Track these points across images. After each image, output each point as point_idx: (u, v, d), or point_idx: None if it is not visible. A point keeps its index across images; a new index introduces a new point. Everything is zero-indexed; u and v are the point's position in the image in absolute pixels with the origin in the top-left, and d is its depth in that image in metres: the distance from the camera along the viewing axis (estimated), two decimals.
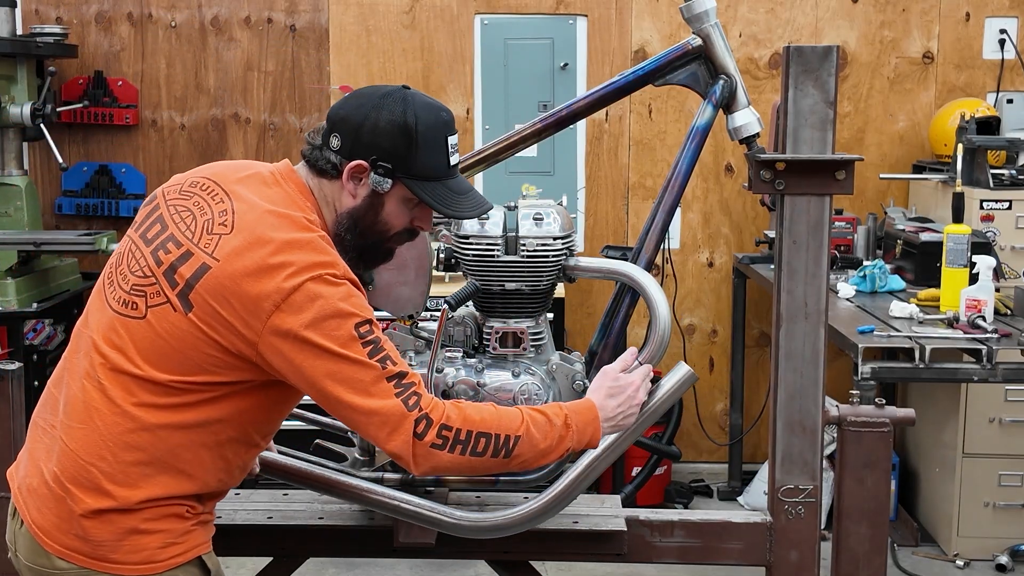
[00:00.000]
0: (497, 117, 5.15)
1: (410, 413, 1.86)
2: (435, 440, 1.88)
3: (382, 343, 1.88)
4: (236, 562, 4.13)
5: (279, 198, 1.95)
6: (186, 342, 1.87)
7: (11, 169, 4.81)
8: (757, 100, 2.64)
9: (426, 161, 1.99)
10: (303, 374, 1.86)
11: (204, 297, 1.86)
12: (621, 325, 2.34)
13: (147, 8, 5.21)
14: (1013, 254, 4.41)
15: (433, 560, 3.89)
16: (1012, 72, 5.14)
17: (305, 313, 1.83)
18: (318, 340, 1.83)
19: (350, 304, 1.86)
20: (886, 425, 2.38)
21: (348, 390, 1.85)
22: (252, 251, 1.86)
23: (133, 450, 1.88)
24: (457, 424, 1.90)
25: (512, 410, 1.98)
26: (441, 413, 1.89)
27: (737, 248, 5.22)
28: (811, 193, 2.31)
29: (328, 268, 1.86)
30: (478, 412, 1.94)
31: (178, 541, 1.93)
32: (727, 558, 2.41)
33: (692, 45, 2.28)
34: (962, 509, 4.32)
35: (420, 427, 1.87)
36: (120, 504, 1.88)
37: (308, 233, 1.90)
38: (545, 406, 2.03)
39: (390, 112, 1.96)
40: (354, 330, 1.85)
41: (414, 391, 1.88)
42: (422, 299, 2.37)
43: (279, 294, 1.83)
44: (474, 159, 2.34)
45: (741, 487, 5.04)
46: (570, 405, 2.04)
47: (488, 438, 1.92)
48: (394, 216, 2.02)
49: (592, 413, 2.05)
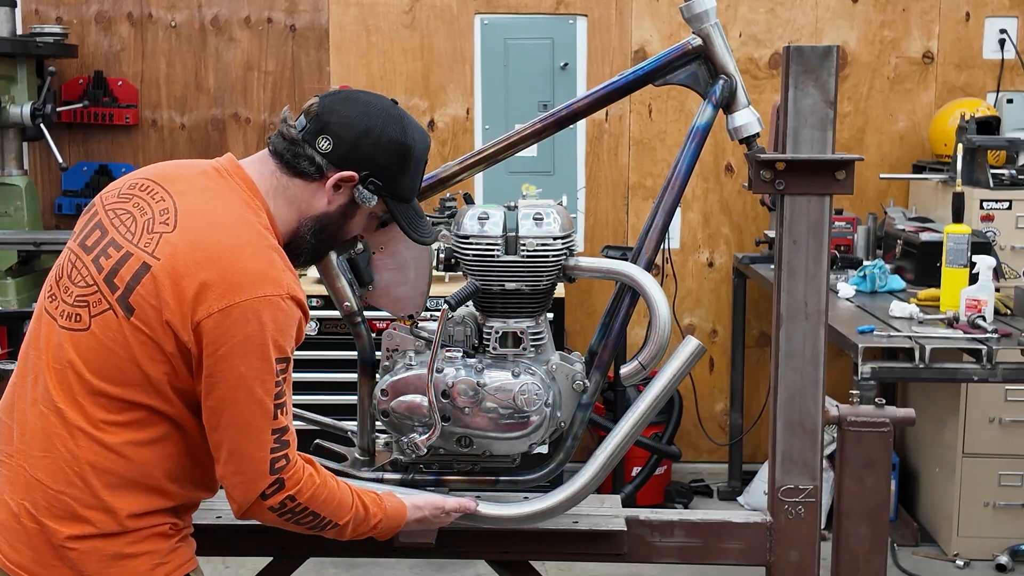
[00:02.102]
0: (497, 117, 5.15)
1: (269, 476, 1.85)
2: (275, 505, 1.88)
3: (286, 387, 1.86)
4: (236, 562, 4.14)
5: (225, 195, 1.90)
6: (130, 349, 1.82)
7: (11, 169, 4.81)
8: (757, 100, 2.64)
9: (410, 184, 2.01)
10: (211, 385, 1.82)
11: (144, 298, 1.81)
12: (621, 325, 2.34)
13: (147, 8, 5.21)
14: (1013, 254, 4.41)
15: (433, 560, 3.89)
16: (1012, 72, 5.14)
17: (237, 330, 1.79)
18: (234, 361, 1.79)
19: (282, 337, 1.82)
20: (886, 425, 2.38)
21: (235, 421, 1.82)
22: (194, 252, 1.81)
23: (102, 473, 1.83)
24: (303, 500, 1.90)
25: (347, 496, 1.98)
26: (296, 483, 1.88)
27: (737, 248, 5.22)
28: (811, 193, 2.31)
29: (275, 287, 1.82)
30: (324, 491, 1.93)
31: (165, 561, 1.90)
32: (727, 558, 2.41)
33: (692, 45, 2.27)
34: (962, 509, 4.32)
35: (270, 490, 1.86)
36: (100, 529, 1.84)
37: (259, 239, 1.85)
38: (371, 501, 2.03)
39: (393, 129, 1.94)
40: (274, 364, 1.82)
41: (287, 453, 1.86)
42: (422, 299, 2.37)
43: (220, 302, 1.78)
44: (474, 159, 2.34)
45: (741, 487, 5.04)
46: (391, 509, 2.07)
47: (316, 517, 1.94)
48: (357, 227, 2.03)
49: (398, 525, 2.10)
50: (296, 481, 1.88)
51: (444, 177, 2.34)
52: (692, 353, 2.26)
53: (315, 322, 4.40)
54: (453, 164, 2.34)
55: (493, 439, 2.28)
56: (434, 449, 2.29)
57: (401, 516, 2.10)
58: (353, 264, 2.33)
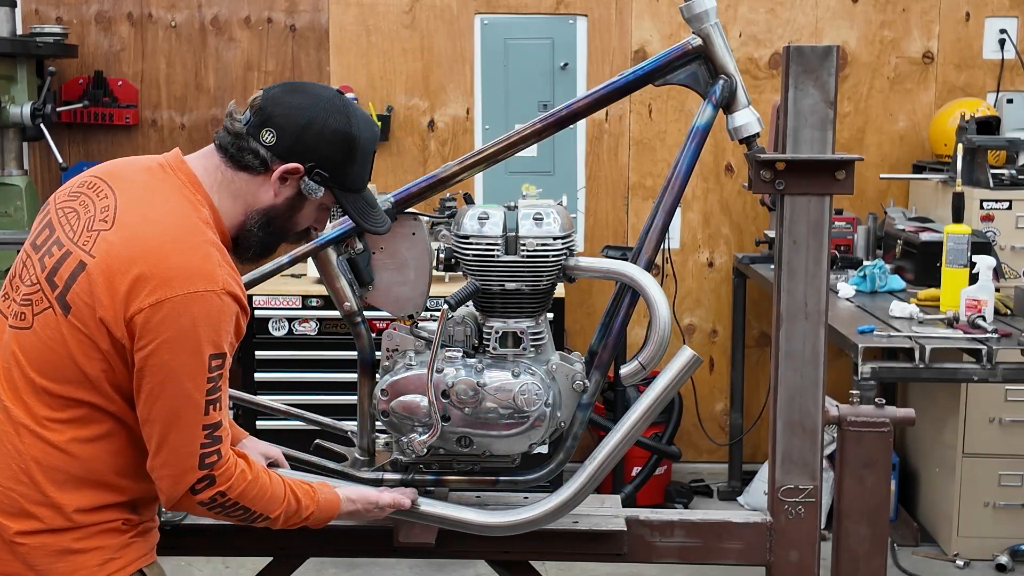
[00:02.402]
0: (497, 117, 5.15)
1: (198, 471, 1.85)
2: (205, 500, 1.88)
3: (221, 383, 1.85)
4: (236, 562, 4.15)
5: (165, 191, 1.89)
6: (68, 347, 1.83)
7: (11, 169, 4.81)
8: (757, 100, 2.64)
9: (358, 174, 1.99)
10: (141, 378, 1.82)
11: (79, 296, 1.82)
12: (621, 325, 2.34)
13: (147, 8, 5.21)
14: (1013, 254, 4.41)
15: (433, 560, 3.89)
16: (1012, 72, 5.13)
17: (167, 325, 1.78)
18: (164, 356, 1.79)
19: (216, 333, 1.82)
20: (886, 425, 2.38)
21: (164, 415, 1.82)
22: (129, 249, 1.81)
23: (48, 470, 1.84)
24: (233, 495, 1.90)
25: (279, 489, 1.99)
26: (227, 480, 1.88)
27: (737, 248, 5.22)
28: (811, 193, 2.31)
29: (209, 282, 1.81)
30: (255, 487, 1.93)
31: (116, 556, 1.90)
32: (727, 558, 2.41)
33: (692, 45, 2.27)
34: (962, 509, 4.32)
35: (200, 485, 1.86)
36: (48, 525, 1.85)
37: (195, 234, 1.84)
38: (304, 494, 2.03)
39: (336, 120, 1.93)
40: (207, 360, 1.81)
41: (218, 449, 1.86)
42: (422, 299, 2.37)
43: (151, 297, 1.78)
44: (474, 159, 2.34)
45: (741, 487, 5.04)
46: (323, 501, 2.07)
47: (247, 511, 1.95)
48: (305, 219, 2.01)
49: (330, 516, 2.10)
50: (228, 477, 1.88)
51: (444, 177, 2.34)
52: (686, 364, 2.24)
53: (315, 322, 4.40)
54: (453, 164, 2.34)
55: (493, 439, 2.28)
56: (434, 449, 2.29)
57: (334, 507, 2.10)
58: (353, 264, 2.33)
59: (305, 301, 4.39)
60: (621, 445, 2.26)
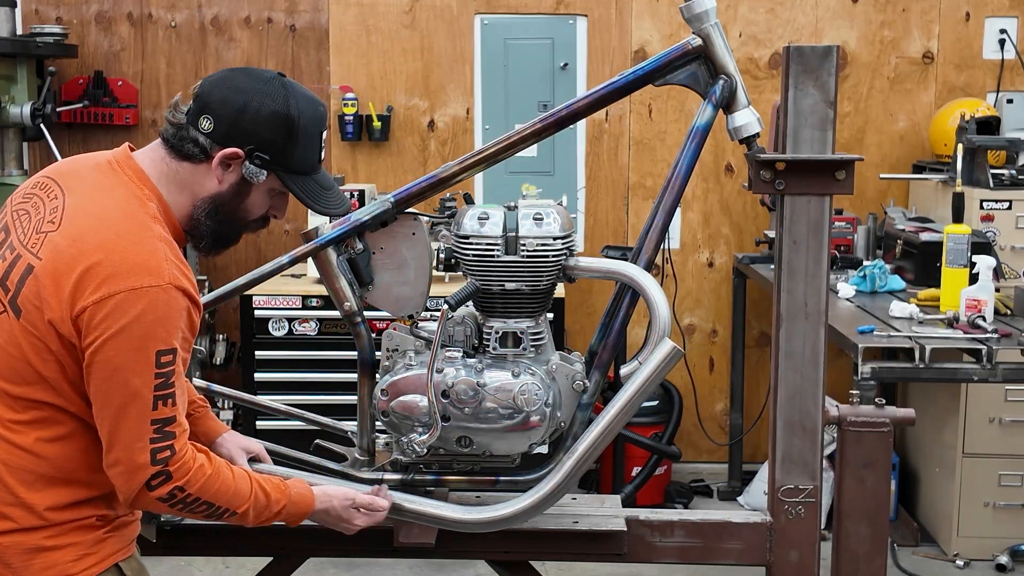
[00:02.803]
0: (497, 117, 5.15)
1: (151, 467, 1.83)
2: (163, 496, 1.86)
3: (173, 378, 1.83)
4: (236, 562, 4.15)
5: (113, 188, 1.89)
6: (22, 349, 1.83)
7: (11, 169, 4.81)
8: (757, 100, 2.64)
9: (303, 155, 1.95)
10: (89, 374, 1.81)
11: (28, 299, 1.82)
12: (621, 325, 2.34)
13: (147, 8, 5.21)
14: (1013, 254, 4.41)
15: (433, 560, 3.89)
16: (1012, 72, 5.14)
17: (111, 321, 1.77)
18: (109, 352, 1.78)
19: (163, 328, 1.80)
20: (886, 425, 2.38)
21: (112, 412, 1.81)
22: (74, 248, 1.80)
23: (17, 471, 1.85)
24: (192, 490, 1.88)
25: (244, 484, 1.97)
26: (184, 475, 1.86)
27: (737, 248, 5.22)
28: (811, 193, 2.31)
29: (154, 277, 1.79)
30: (216, 482, 1.91)
31: (91, 552, 1.90)
32: (727, 558, 2.41)
33: (692, 45, 2.27)
34: (962, 509, 4.32)
35: (156, 481, 1.84)
36: (20, 524, 1.85)
37: (141, 230, 1.83)
38: (272, 488, 2.01)
39: (273, 101, 1.90)
40: (154, 356, 1.80)
41: (171, 444, 1.84)
42: (422, 299, 2.37)
43: (95, 294, 1.77)
44: (474, 159, 2.34)
45: (741, 487, 5.04)
46: (295, 496, 2.05)
47: (209, 506, 1.93)
48: (256, 205, 1.98)
49: (305, 511, 2.08)
50: (184, 472, 1.86)
51: (444, 177, 2.34)
52: (667, 356, 2.19)
53: (315, 322, 4.40)
54: (453, 164, 2.34)
55: (493, 439, 2.28)
56: (434, 449, 2.29)
57: (307, 503, 2.08)
58: (353, 264, 2.33)
59: (305, 301, 4.40)
60: (601, 439, 2.22)
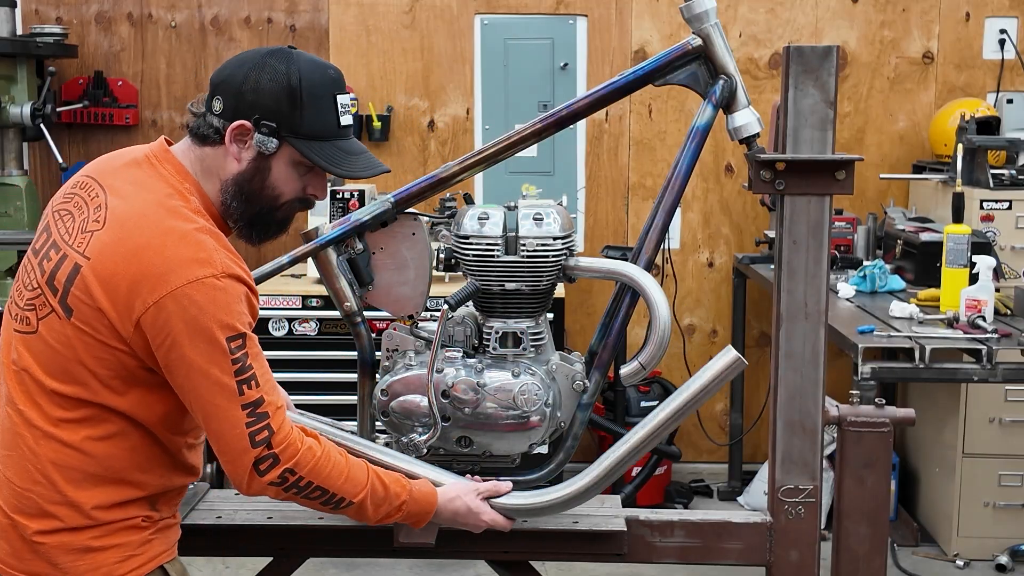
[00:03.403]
0: (497, 117, 5.15)
1: (252, 450, 1.83)
2: (275, 479, 1.87)
3: (250, 361, 1.83)
4: (236, 562, 4.15)
5: (153, 184, 1.89)
6: (74, 349, 1.83)
7: (11, 169, 4.81)
8: (757, 100, 2.64)
9: (313, 119, 1.91)
10: (169, 374, 1.83)
11: (79, 298, 1.82)
12: (621, 325, 2.34)
13: (147, 8, 5.21)
14: (1013, 254, 4.41)
15: (433, 560, 3.89)
16: (1012, 72, 5.14)
17: (176, 319, 1.78)
18: (183, 350, 1.79)
19: (227, 315, 1.80)
20: (886, 425, 2.38)
21: (201, 405, 1.83)
22: (122, 248, 1.81)
23: (64, 469, 1.85)
24: (303, 472, 1.89)
25: (360, 472, 1.97)
26: (292, 456, 1.87)
27: (737, 248, 5.22)
28: (811, 193, 2.31)
29: (206, 268, 1.80)
30: (328, 465, 1.92)
31: (136, 553, 1.90)
32: (727, 558, 2.41)
33: (692, 45, 2.27)
34: (962, 509, 4.33)
35: (264, 465, 1.85)
36: (67, 524, 1.86)
37: (186, 224, 1.83)
38: (391, 481, 2.01)
39: (272, 70, 1.89)
40: (225, 343, 1.80)
41: (267, 424, 1.84)
42: (422, 299, 2.37)
43: (152, 295, 1.78)
44: (474, 159, 2.34)
45: (741, 487, 5.04)
46: (417, 490, 2.05)
47: (324, 492, 1.92)
48: (283, 181, 1.94)
49: (429, 509, 2.08)
50: (292, 454, 1.87)
51: (444, 177, 2.33)
52: (727, 365, 2.19)
53: (315, 322, 4.40)
54: (453, 164, 2.34)
55: (493, 439, 2.28)
56: (434, 449, 2.29)
57: (430, 499, 2.07)
58: (353, 264, 2.33)
59: (305, 301, 4.40)
60: (646, 442, 2.22)
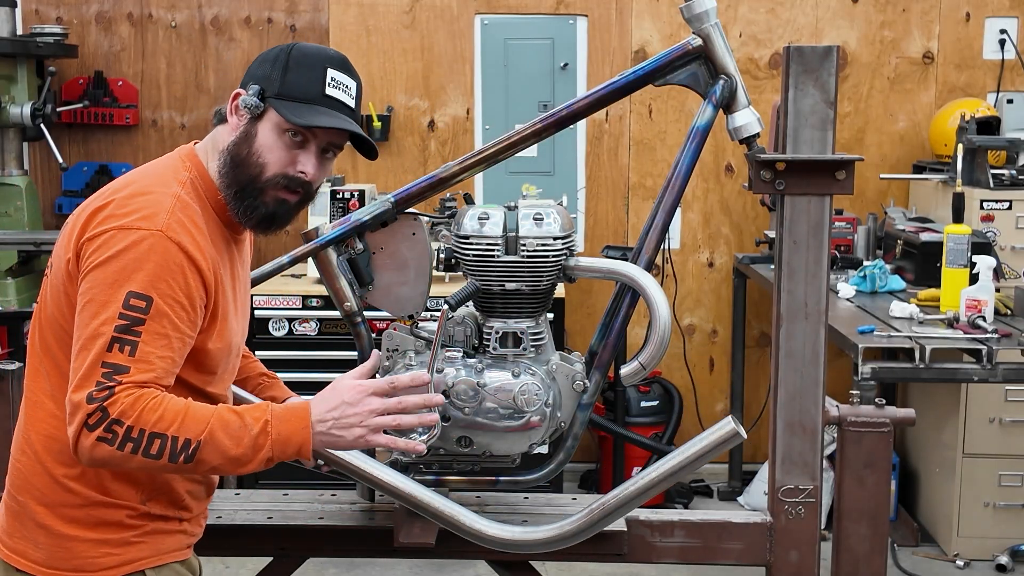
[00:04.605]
0: (497, 117, 5.15)
1: (88, 405, 1.72)
2: (103, 434, 1.71)
3: (141, 329, 1.74)
4: (236, 562, 4.15)
5: (157, 161, 1.97)
6: (49, 306, 1.88)
7: (11, 169, 4.81)
8: (757, 100, 2.64)
9: (295, 82, 1.90)
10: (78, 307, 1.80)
11: (56, 252, 1.89)
12: (621, 325, 2.34)
13: (147, 8, 5.21)
14: (1013, 254, 4.41)
15: (433, 560, 3.89)
16: (1012, 72, 5.14)
17: (95, 257, 1.77)
18: (90, 284, 1.77)
19: (143, 273, 1.75)
20: (886, 425, 2.38)
21: (77, 348, 1.76)
22: (97, 198, 1.86)
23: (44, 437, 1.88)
24: (130, 421, 1.72)
25: (202, 411, 1.77)
26: (119, 408, 1.72)
27: (737, 248, 5.22)
28: (811, 193, 2.31)
29: (149, 222, 1.78)
30: (157, 410, 1.73)
31: (113, 551, 1.88)
32: (727, 558, 2.41)
33: (692, 45, 2.27)
34: (962, 509, 4.32)
35: (93, 419, 1.71)
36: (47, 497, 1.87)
37: (157, 185, 1.86)
38: (248, 408, 1.80)
39: (279, 47, 1.97)
40: (124, 296, 1.74)
41: (112, 387, 1.72)
42: (422, 299, 2.37)
43: (93, 229, 1.79)
44: (474, 159, 2.34)
45: (741, 487, 5.04)
46: (279, 411, 1.80)
47: (163, 439, 1.73)
48: (268, 149, 1.89)
49: (302, 422, 1.80)
50: (119, 405, 1.73)
51: (444, 177, 2.33)
52: (723, 437, 2.14)
53: (315, 322, 4.40)
54: (453, 164, 2.34)
55: (493, 439, 2.28)
56: (434, 449, 2.29)
57: (301, 411, 1.82)
58: (353, 264, 2.33)
59: (305, 301, 4.40)
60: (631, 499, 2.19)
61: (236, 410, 1.80)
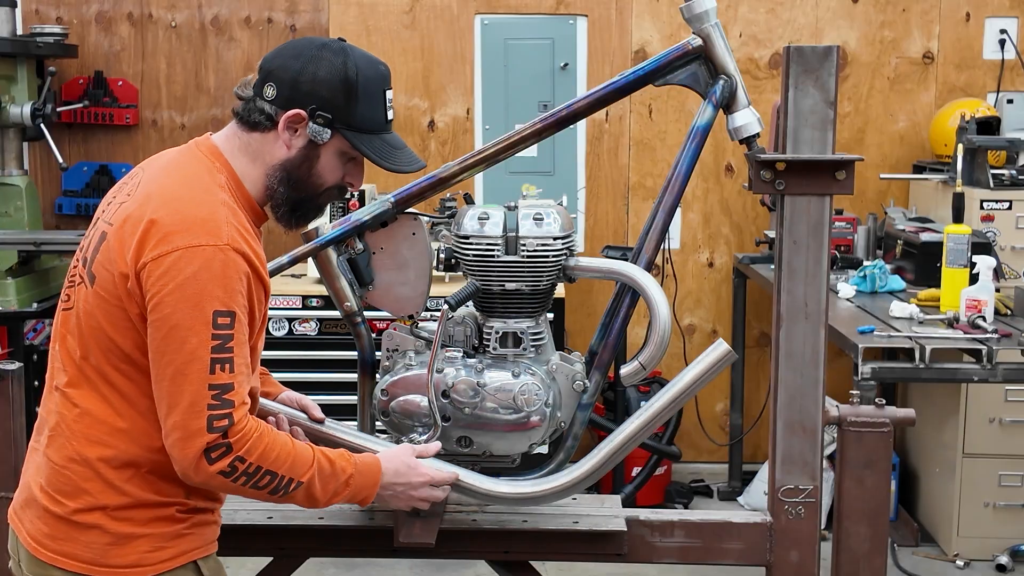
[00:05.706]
0: (497, 117, 5.15)
1: (208, 434, 1.78)
2: (224, 468, 1.81)
3: (232, 344, 1.80)
4: (236, 562, 4.13)
5: (185, 162, 1.93)
6: (97, 319, 1.85)
7: (11, 169, 4.81)
8: (757, 100, 2.64)
9: (365, 113, 1.95)
10: (150, 337, 1.81)
11: (101, 263, 1.86)
12: (621, 325, 2.34)
13: (147, 8, 5.21)
14: (1013, 254, 4.41)
15: (433, 560, 3.89)
16: (1012, 72, 5.14)
17: (169, 278, 1.77)
18: (168, 309, 1.77)
19: (220, 288, 1.79)
20: (886, 425, 2.38)
21: (169, 374, 1.79)
22: (140, 209, 1.84)
23: (98, 446, 1.87)
24: (252, 459, 1.83)
25: (306, 452, 1.91)
26: (243, 445, 1.82)
27: (737, 248, 5.22)
28: (811, 193, 2.31)
29: (213, 237, 1.80)
30: (276, 446, 1.86)
31: (167, 545, 1.90)
32: (727, 558, 2.41)
33: (692, 45, 2.27)
34: (962, 509, 4.32)
35: (215, 453, 1.79)
36: (101, 502, 1.87)
37: (205, 194, 1.86)
38: (338, 455, 1.96)
39: (330, 63, 1.92)
40: (211, 315, 1.78)
41: (230, 413, 1.80)
42: (422, 299, 2.37)
43: (155, 250, 1.79)
44: (474, 159, 2.34)
45: (741, 487, 5.04)
46: (360, 463, 1.98)
47: (273, 476, 1.86)
48: (328, 170, 1.97)
49: (374, 480, 2.00)
50: (243, 442, 1.82)
51: (444, 177, 2.34)
52: (719, 358, 2.20)
53: (315, 322, 4.40)
54: (453, 164, 2.34)
55: (493, 439, 2.28)
56: None
57: (374, 468, 2.01)
58: (353, 264, 2.33)
59: (305, 301, 4.40)
60: (643, 430, 2.23)
61: (329, 456, 1.95)
